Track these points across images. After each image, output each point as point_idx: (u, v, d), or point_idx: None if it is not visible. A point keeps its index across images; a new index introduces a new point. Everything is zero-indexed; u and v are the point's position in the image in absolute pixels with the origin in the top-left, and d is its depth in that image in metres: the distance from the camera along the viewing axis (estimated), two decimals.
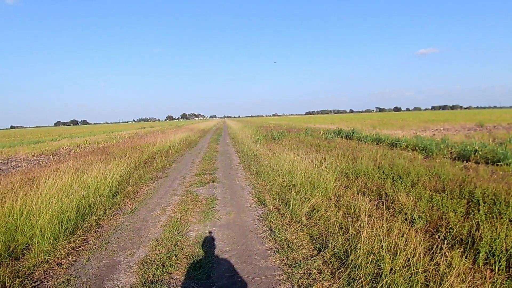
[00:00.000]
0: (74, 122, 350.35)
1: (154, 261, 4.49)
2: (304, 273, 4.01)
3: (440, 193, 6.02)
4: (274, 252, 4.67)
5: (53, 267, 4.44)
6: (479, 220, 4.57)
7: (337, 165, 8.99)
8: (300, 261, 4.30)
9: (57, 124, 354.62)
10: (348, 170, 8.71)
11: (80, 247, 5.11)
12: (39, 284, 4.02)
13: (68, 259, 4.66)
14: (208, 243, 5.08)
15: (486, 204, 5.22)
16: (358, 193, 6.77)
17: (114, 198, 7.61)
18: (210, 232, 5.50)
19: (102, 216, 6.44)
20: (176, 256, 4.59)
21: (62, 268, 4.41)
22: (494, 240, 3.90)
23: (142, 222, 6.23)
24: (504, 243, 3.80)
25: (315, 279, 3.84)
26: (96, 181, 7.68)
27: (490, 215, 4.80)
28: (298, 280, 3.85)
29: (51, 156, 16.87)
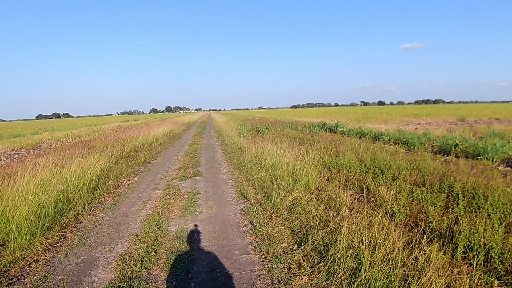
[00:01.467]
0: (56, 115, 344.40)
1: (133, 256, 4.42)
2: (284, 267, 4.00)
3: (420, 187, 6.08)
4: (255, 247, 4.65)
5: (30, 263, 4.33)
6: (458, 214, 4.63)
7: (320, 159, 9.02)
8: (281, 255, 4.29)
9: (39, 117, 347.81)
10: (331, 164, 8.75)
11: (58, 243, 5.00)
12: (16, 281, 3.92)
13: (46, 256, 4.56)
14: (189, 238, 5.02)
15: (465, 198, 5.29)
16: (339, 187, 6.80)
17: (94, 193, 7.48)
18: (191, 227, 5.45)
19: (81, 211, 6.31)
20: (155, 252, 4.53)
21: (39, 264, 4.31)
22: (473, 234, 3.93)
23: (122, 217, 6.14)
24: (482, 238, 3.84)
25: (295, 273, 3.83)
26: (75, 175, 7.53)
27: (469, 209, 4.86)
28: (278, 275, 3.83)
29: (31, 150, 16.51)
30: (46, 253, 4.63)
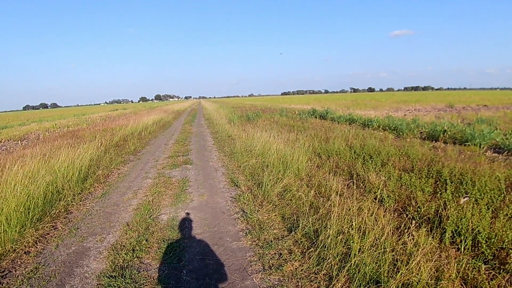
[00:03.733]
0: (44, 106, 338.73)
1: (124, 246, 4.43)
2: (275, 253, 4.03)
3: (409, 173, 6.15)
4: (246, 233, 4.68)
5: (20, 255, 4.31)
6: (446, 200, 4.69)
7: (310, 145, 9.06)
8: (271, 241, 4.32)
9: (26, 108, 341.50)
10: (321, 150, 8.79)
11: (48, 234, 4.98)
12: (7, 273, 3.90)
13: (36, 247, 4.54)
14: (180, 226, 5.03)
15: (453, 183, 5.36)
16: (329, 173, 6.85)
17: (83, 183, 7.43)
18: (182, 215, 5.46)
19: (71, 202, 6.27)
20: (146, 240, 4.54)
21: (30, 256, 4.29)
22: (461, 220, 3.99)
23: (113, 206, 6.12)
24: (470, 223, 3.91)
25: (286, 259, 3.87)
26: (64, 165, 7.46)
27: (457, 195, 4.94)
28: (269, 261, 3.87)
29: (19, 142, 16.29)
30: (37, 245, 4.60)
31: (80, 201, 6.46)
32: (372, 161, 7.16)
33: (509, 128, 11.66)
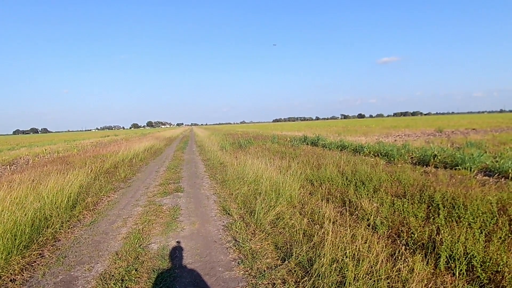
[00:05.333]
0: (34, 131, 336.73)
1: (113, 275, 4.30)
2: (269, 283, 3.94)
3: (401, 198, 6.14)
4: (238, 263, 4.58)
5: (6, 283, 4.18)
6: (439, 224, 4.68)
7: (302, 172, 9.04)
8: (265, 271, 4.24)
9: (16, 132, 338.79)
10: (313, 177, 8.78)
11: (35, 262, 4.85)
12: None
13: (23, 275, 4.41)
14: (171, 255, 4.93)
15: (445, 208, 5.36)
16: (322, 200, 6.82)
17: (72, 210, 7.28)
18: (173, 244, 5.35)
19: (59, 229, 6.13)
20: (136, 270, 4.42)
21: (16, 284, 4.16)
22: (455, 244, 3.98)
23: (102, 234, 5.99)
24: (464, 247, 3.89)
25: None
26: (53, 192, 7.34)
27: (450, 219, 4.93)
28: None
29: (8, 166, 16.06)
30: (23, 272, 4.48)
31: (68, 228, 6.31)
32: (364, 187, 7.16)
33: (498, 150, 11.82)
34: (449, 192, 6.06)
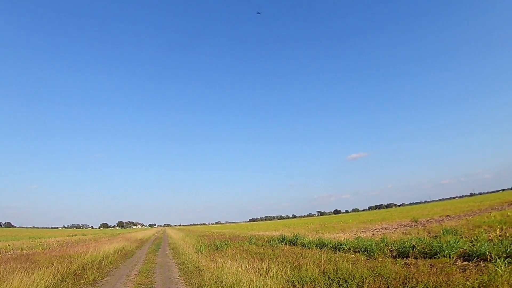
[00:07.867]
0: None
1: None
2: None
3: None
4: None
5: None
6: None
7: (283, 274, 8.78)
8: None
9: None
10: (294, 278, 8.53)
11: None
12: None
13: None
14: None
15: None
16: None
17: None
18: None
19: None
20: None
21: None
22: None
23: None
24: None
25: None
26: None
27: None
28: None
29: None
30: None
31: None
32: (347, 285, 7.00)
33: (474, 234, 12.01)
34: (431, 282, 6.04)
